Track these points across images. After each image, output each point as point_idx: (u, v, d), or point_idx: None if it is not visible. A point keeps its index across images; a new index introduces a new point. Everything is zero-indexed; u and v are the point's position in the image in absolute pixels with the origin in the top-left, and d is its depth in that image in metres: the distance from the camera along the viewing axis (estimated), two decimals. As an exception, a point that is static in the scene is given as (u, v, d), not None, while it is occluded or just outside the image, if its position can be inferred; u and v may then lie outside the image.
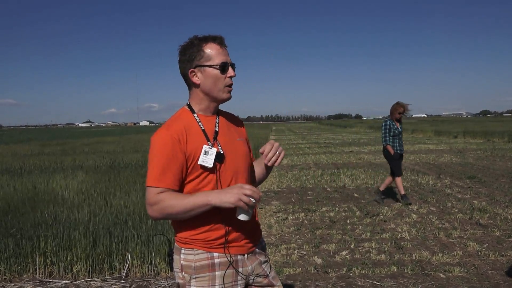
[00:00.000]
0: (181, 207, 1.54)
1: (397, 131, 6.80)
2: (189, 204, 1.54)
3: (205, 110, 1.72)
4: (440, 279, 3.79)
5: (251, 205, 1.53)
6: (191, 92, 1.73)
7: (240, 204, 1.52)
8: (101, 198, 6.49)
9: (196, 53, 1.65)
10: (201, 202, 1.54)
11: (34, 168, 11.32)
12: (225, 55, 1.68)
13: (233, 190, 1.53)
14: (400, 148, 6.92)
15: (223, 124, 1.75)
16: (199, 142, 1.63)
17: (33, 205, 6.01)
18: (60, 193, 7.07)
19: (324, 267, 4.15)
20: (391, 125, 6.81)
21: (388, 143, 6.85)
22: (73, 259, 4.11)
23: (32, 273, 4.13)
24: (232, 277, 1.66)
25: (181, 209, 1.54)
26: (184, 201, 1.54)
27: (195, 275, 1.63)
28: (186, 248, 1.66)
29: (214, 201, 1.53)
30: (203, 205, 1.54)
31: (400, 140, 6.89)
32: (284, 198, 7.68)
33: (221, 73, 1.66)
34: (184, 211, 1.55)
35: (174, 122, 1.66)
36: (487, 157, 13.30)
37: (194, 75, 1.67)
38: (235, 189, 1.53)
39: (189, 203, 1.54)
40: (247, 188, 1.52)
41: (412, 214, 6.08)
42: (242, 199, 1.50)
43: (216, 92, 1.68)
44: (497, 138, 21.10)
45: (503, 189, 7.84)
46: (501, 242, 4.73)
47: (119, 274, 4.09)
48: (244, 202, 1.51)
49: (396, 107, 6.73)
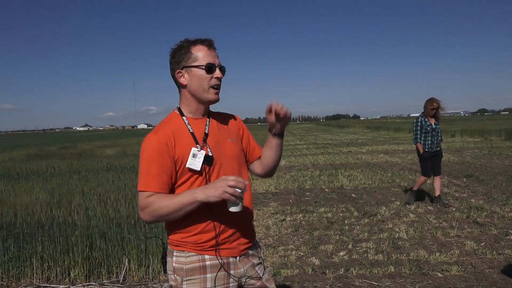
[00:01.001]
0: (169, 208, 1.55)
1: (429, 127, 6.49)
2: (177, 204, 1.55)
3: (195, 112, 1.73)
4: (438, 278, 3.79)
5: (237, 195, 1.52)
6: (180, 94, 1.74)
7: (225, 196, 1.51)
8: (97, 202, 6.48)
9: (184, 55, 1.67)
10: (188, 200, 1.54)
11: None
12: (213, 56, 1.69)
13: (216, 183, 1.53)
14: (433, 145, 6.56)
15: (213, 126, 1.75)
16: (187, 145, 1.64)
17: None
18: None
19: (322, 268, 4.15)
20: (423, 121, 6.53)
21: (418, 141, 6.56)
22: (70, 264, 4.10)
23: (29, 278, 4.12)
24: (223, 280, 1.66)
25: (170, 209, 1.56)
26: (173, 201, 1.56)
27: (187, 277, 1.64)
28: (177, 251, 1.67)
29: (201, 197, 1.53)
30: (191, 202, 1.54)
31: (433, 138, 6.54)
32: (282, 199, 7.68)
33: (207, 73, 1.66)
34: (173, 211, 1.56)
35: (162, 126, 1.68)
36: (484, 156, 13.33)
37: (181, 76, 1.69)
38: (218, 182, 1.53)
39: (177, 203, 1.55)
40: (230, 179, 1.51)
41: (410, 214, 6.08)
42: (227, 191, 1.50)
43: (201, 92, 1.68)
44: (495, 137, 21.14)
45: (501, 187, 7.86)
46: (498, 241, 4.74)
47: (117, 278, 4.08)
48: (229, 193, 1.50)
49: (429, 103, 6.49)
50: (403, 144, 20.19)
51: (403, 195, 7.51)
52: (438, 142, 6.64)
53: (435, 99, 6.51)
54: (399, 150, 16.87)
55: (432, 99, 6.53)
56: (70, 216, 5.50)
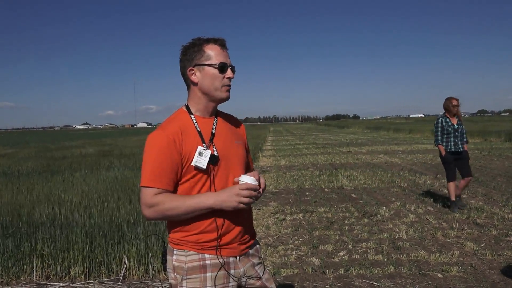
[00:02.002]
0: (180, 210, 1.58)
1: (451, 128, 6.17)
2: (189, 207, 1.58)
3: (203, 110, 1.73)
4: (438, 279, 3.80)
5: (251, 202, 1.61)
6: (190, 91, 1.74)
7: (241, 207, 1.59)
8: (98, 200, 6.48)
9: (197, 53, 1.68)
10: (201, 206, 1.59)
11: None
12: (225, 56, 1.71)
13: (231, 196, 1.58)
14: (456, 146, 6.18)
15: (220, 126, 1.76)
16: (194, 143, 1.65)
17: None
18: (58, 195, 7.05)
19: (321, 267, 4.15)
20: (443, 122, 6.23)
21: (439, 142, 6.26)
22: (70, 262, 4.10)
23: (29, 275, 4.12)
24: (223, 279, 1.66)
25: (181, 212, 1.59)
26: (185, 204, 1.58)
27: (187, 276, 1.65)
28: (178, 249, 1.68)
29: (215, 206, 1.59)
30: (204, 208, 1.59)
31: (456, 139, 6.20)
32: (282, 199, 7.68)
33: (220, 73, 1.68)
34: (183, 213, 1.59)
35: (170, 123, 1.68)
36: (484, 157, 13.33)
37: (193, 73, 1.69)
38: (233, 196, 1.58)
39: (190, 207, 1.58)
40: (244, 192, 1.57)
41: (410, 214, 6.09)
42: (242, 201, 1.57)
43: (214, 91, 1.69)
44: (494, 138, 21.14)
45: (500, 188, 7.87)
46: (498, 242, 4.74)
47: (117, 276, 4.08)
48: (245, 203, 1.58)
49: (448, 101, 6.23)
50: (403, 144, 20.19)
51: (402, 196, 7.51)
52: (462, 143, 6.28)
53: (454, 97, 6.26)
54: (399, 150, 16.88)
55: (451, 97, 6.28)
56: (72, 214, 5.49)
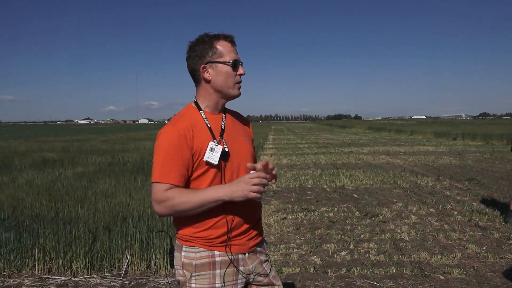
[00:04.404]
0: (192, 204, 1.56)
1: None
2: (200, 201, 1.56)
3: (212, 107, 1.73)
4: (439, 280, 3.80)
5: (262, 192, 1.57)
6: (199, 88, 1.73)
7: (251, 196, 1.55)
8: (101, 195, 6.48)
9: (209, 50, 1.67)
10: (212, 198, 1.57)
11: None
12: (236, 53, 1.70)
13: (241, 184, 1.55)
14: None
15: (229, 123, 1.76)
16: (205, 139, 1.64)
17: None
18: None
19: (323, 267, 4.15)
20: None
21: None
22: (72, 256, 4.10)
23: (31, 269, 4.13)
24: (232, 276, 1.66)
25: (192, 206, 1.57)
26: (196, 198, 1.56)
27: (196, 272, 1.64)
28: (187, 246, 1.67)
29: (226, 197, 1.56)
30: (214, 200, 1.57)
31: None
32: (283, 197, 7.67)
33: (233, 70, 1.68)
34: (195, 207, 1.57)
35: (180, 119, 1.67)
36: (486, 160, 13.31)
37: (206, 71, 1.68)
38: (243, 184, 1.55)
39: (200, 200, 1.56)
40: (254, 178, 1.54)
41: (411, 216, 6.08)
42: (252, 190, 1.54)
43: (227, 88, 1.69)
44: (496, 141, 21.13)
45: (502, 191, 7.85)
46: (500, 245, 4.73)
47: (118, 271, 4.09)
48: (255, 192, 1.54)
49: None
50: (404, 145, 20.17)
51: (404, 197, 7.50)
52: None
53: None
54: (401, 151, 16.86)
55: None
56: (74, 209, 5.50)
